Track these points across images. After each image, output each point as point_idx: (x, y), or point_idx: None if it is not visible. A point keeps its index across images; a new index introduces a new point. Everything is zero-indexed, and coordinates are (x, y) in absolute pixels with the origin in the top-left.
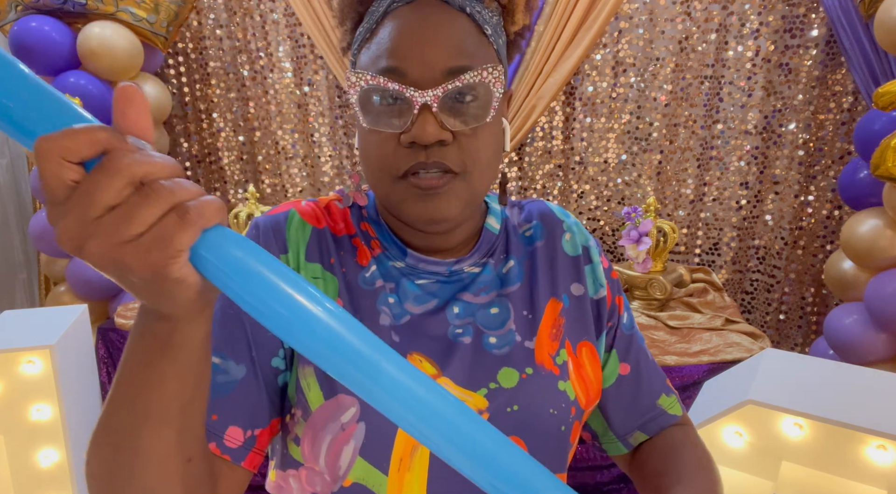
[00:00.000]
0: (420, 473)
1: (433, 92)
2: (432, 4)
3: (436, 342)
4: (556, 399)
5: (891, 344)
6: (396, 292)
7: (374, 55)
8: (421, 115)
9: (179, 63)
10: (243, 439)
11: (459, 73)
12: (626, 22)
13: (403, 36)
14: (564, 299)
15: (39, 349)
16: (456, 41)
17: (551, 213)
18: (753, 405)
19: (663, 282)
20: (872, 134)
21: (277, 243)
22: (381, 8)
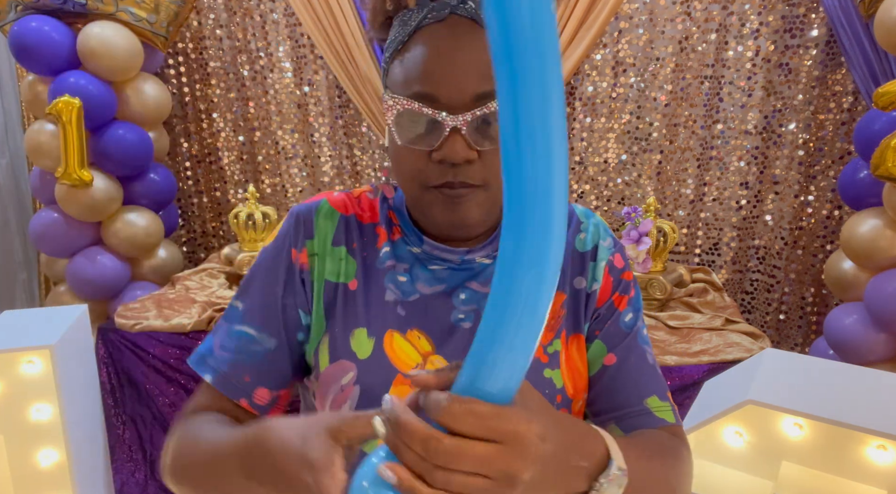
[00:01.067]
0: None
1: (462, 116)
2: (463, 24)
3: (438, 323)
4: (539, 386)
5: (891, 344)
6: (410, 272)
7: (407, 75)
8: (451, 136)
9: (179, 63)
10: (269, 398)
11: (487, 99)
12: (626, 22)
13: (436, 59)
14: (568, 291)
15: (39, 349)
16: (484, 65)
17: (573, 215)
18: (753, 405)
19: (663, 282)
20: (872, 134)
21: (306, 229)
22: (413, 22)
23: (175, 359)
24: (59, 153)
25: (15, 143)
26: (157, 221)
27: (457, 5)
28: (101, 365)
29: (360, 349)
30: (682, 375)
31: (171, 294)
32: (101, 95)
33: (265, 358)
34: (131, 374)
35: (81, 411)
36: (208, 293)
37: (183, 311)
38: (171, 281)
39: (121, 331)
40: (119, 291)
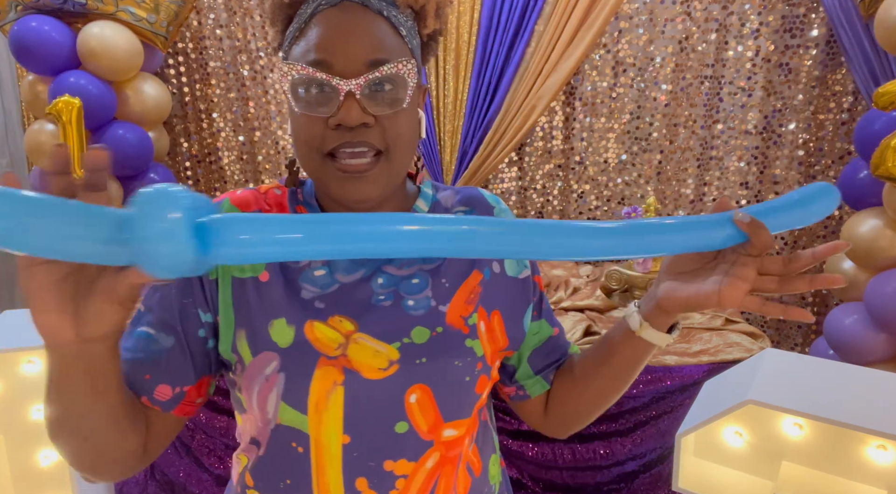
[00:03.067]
0: (336, 412)
1: (356, 81)
2: (354, 8)
3: (358, 306)
4: (462, 353)
5: (891, 344)
6: (329, 264)
7: (303, 50)
8: (346, 101)
9: (179, 63)
10: (172, 394)
11: (379, 65)
12: (626, 22)
13: (329, 33)
14: (486, 273)
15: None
16: (375, 38)
17: (483, 198)
18: (753, 405)
19: None
20: (872, 134)
21: None
22: (308, 10)
23: None
24: None
25: (15, 143)
26: None
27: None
28: None
29: (280, 338)
30: (682, 375)
31: None
32: (101, 94)
33: (164, 356)
34: None
35: None
36: None
37: None
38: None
39: None
40: None
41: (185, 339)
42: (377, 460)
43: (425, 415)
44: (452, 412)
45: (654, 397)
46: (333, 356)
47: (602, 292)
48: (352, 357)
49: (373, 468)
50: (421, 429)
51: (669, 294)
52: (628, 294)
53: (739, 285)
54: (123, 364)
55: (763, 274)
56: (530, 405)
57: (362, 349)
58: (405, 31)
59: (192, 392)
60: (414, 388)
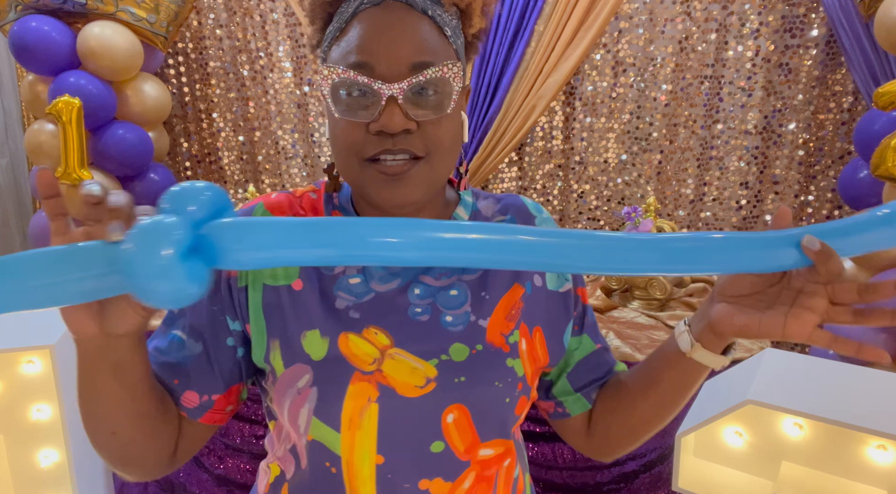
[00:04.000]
0: (370, 430)
1: (399, 85)
2: (398, 7)
3: (395, 318)
4: (502, 374)
5: (891, 344)
6: (363, 272)
7: (344, 51)
8: (388, 106)
9: (179, 63)
10: (199, 401)
11: (423, 68)
12: (626, 22)
13: (372, 34)
14: (528, 287)
15: (39, 349)
16: (419, 39)
17: (525, 207)
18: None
19: (663, 282)
20: (872, 134)
21: None
22: (350, 9)
23: None
24: (59, 153)
25: (15, 143)
26: None
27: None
28: None
29: (313, 350)
30: None
31: None
32: (101, 95)
33: (192, 363)
34: None
35: None
36: None
37: None
38: None
39: None
40: None
41: (212, 347)
42: (412, 480)
43: (462, 435)
44: (490, 432)
45: None
46: (368, 370)
47: (602, 293)
48: (387, 373)
49: (408, 489)
50: (458, 449)
51: (725, 319)
52: (628, 294)
53: (808, 317)
54: (154, 366)
55: (835, 304)
56: (571, 424)
57: (399, 365)
58: (450, 32)
59: (220, 401)
60: (451, 408)
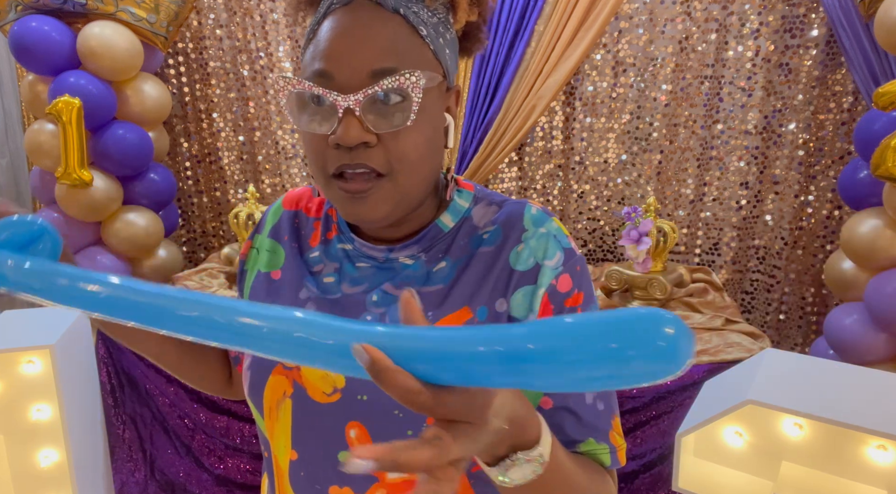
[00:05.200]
0: (285, 423)
1: (355, 96)
2: (366, 7)
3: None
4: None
5: (891, 344)
6: (339, 271)
7: (310, 57)
8: (345, 118)
9: (179, 63)
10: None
11: (384, 75)
12: (626, 22)
13: (335, 38)
14: (479, 312)
15: (39, 349)
16: (384, 43)
17: (520, 219)
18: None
19: (663, 282)
20: (872, 134)
21: (259, 226)
22: (322, 9)
23: None
24: (59, 153)
25: (15, 143)
26: (157, 221)
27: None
28: (101, 365)
29: None
30: (682, 375)
31: None
32: (101, 95)
33: None
34: (131, 374)
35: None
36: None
37: None
38: (171, 281)
39: None
40: None
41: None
42: (322, 484)
43: None
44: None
45: (654, 397)
46: (289, 366)
47: (602, 293)
48: (304, 373)
49: (318, 490)
50: None
51: None
52: (628, 294)
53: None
54: None
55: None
56: None
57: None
58: (427, 31)
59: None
60: (353, 424)
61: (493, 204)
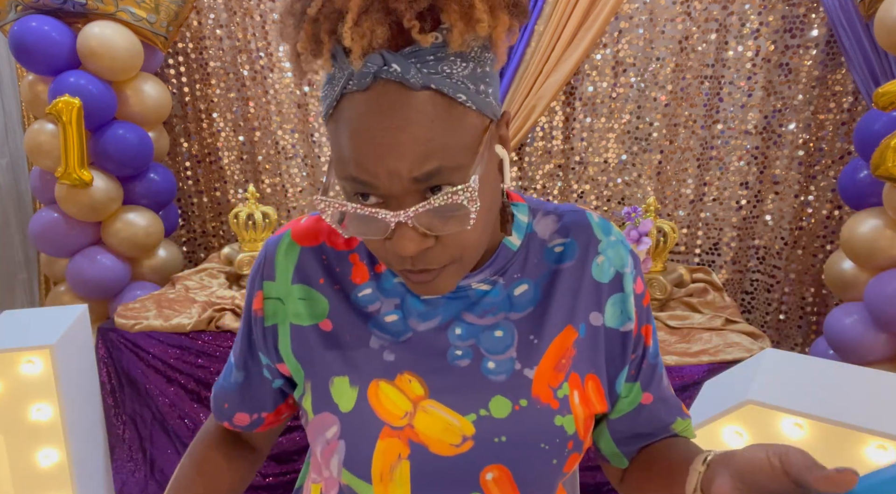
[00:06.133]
0: (402, 485)
1: (405, 213)
2: (390, 91)
3: (432, 362)
4: (549, 435)
5: (891, 344)
6: (402, 308)
7: (338, 153)
8: (398, 230)
9: (179, 63)
10: (250, 420)
11: (429, 178)
12: (626, 22)
13: (362, 140)
14: (581, 329)
15: (39, 349)
16: (419, 139)
17: (590, 229)
18: (753, 405)
19: (663, 282)
20: (872, 134)
21: (266, 269)
22: (336, 84)
23: (175, 359)
24: (59, 153)
25: (15, 143)
26: (157, 221)
27: (381, 69)
28: (101, 365)
29: (341, 400)
30: (682, 375)
31: (171, 294)
32: (101, 95)
33: (238, 389)
34: (131, 374)
35: (81, 411)
36: (208, 293)
37: (183, 311)
38: (171, 281)
39: (121, 331)
40: (119, 291)
41: (252, 377)
42: None
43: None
44: (535, 491)
45: None
46: (399, 425)
47: None
48: (419, 430)
49: None
50: None
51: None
52: None
53: None
54: (215, 387)
55: None
56: (606, 465)
57: (432, 421)
58: (466, 92)
59: (269, 418)
60: (491, 467)
61: (550, 213)
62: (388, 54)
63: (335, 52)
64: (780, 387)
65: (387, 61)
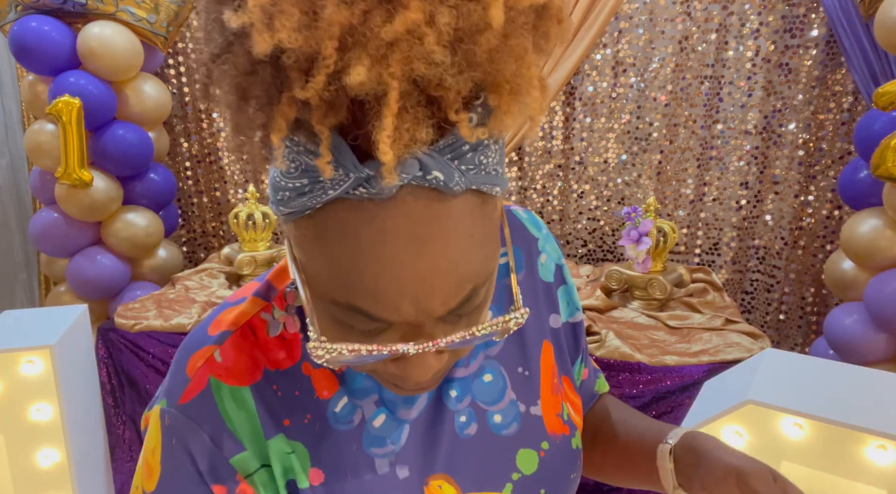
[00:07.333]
0: None
1: (433, 344)
2: (420, 202)
3: (447, 449)
4: (574, 462)
5: (891, 344)
6: (384, 403)
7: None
8: (414, 358)
9: (179, 63)
10: None
11: (462, 304)
12: (626, 22)
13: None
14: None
15: (39, 349)
16: (460, 265)
17: (524, 229)
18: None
19: (663, 282)
20: (872, 134)
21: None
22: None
23: None
24: (59, 153)
25: (15, 143)
26: (157, 221)
27: (416, 177)
28: (101, 365)
29: None
30: (682, 375)
31: (171, 294)
32: (101, 95)
33: None
34: (131, 374)
35: (81, 411)
36: (208, 293)
37: (183, 311)
38: (171, 281)
39: (121, 331)
40: (119, 291)
41: None
42: None
43: None
44: None
45: (654, 397)
46: None
47: (602, 293)
48: None
49: None
50: None
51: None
52: (628, 294)
53: None
54: None
55: None
56: None
57: None
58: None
59: None
60: None
61: None
62: (427, 157)
63: (337, 148)
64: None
65: (425, 168)
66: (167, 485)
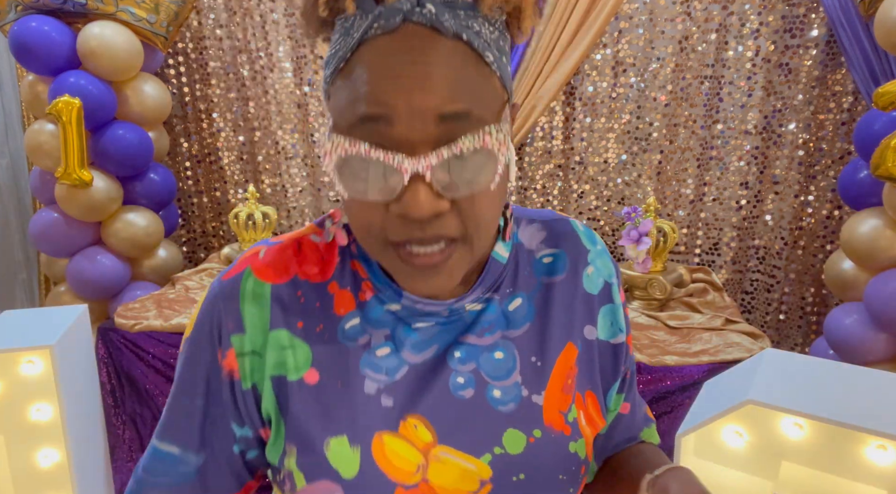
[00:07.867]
0: None
1: (427, 160)
2: (419, 34)
3: (435, 397)
4: (566, 464)
5: (891, 344)
6: (392, 339)
7: (350, 97)
8: (412, 185)
9: (179, 63)
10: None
11: (455, 120)
12: (626, 22)
13: (385, 76)
14: (580, 346)
15: (39, 349)
16: (450, 80)
17: (577, 238)
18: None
19: (663, 282)
20: (872, 134)
21: (230, 320)
22: (355, 33)
23: (175, 359)
24: (59, 153)
25: (15, 143)
26: (157, 221)
27: (412, 10)
28: (101, 365)
29: (342, 464)
30: (682, 375)
31: (171, 294)
32: (101, 95)
33: (196, 478)
34: (131, 374)
35: (81, 411)
36: None
37: (183, 311)
38: (171, 281)
39: (121, 331)
40: (119, 291)
41: (216, 456)
42: None
43: None
44: None
45: (654, 397)
46: (413, 483)
47: None
48: (435, 483)
49: None
50: None
51: None
52: (628, 294)
53: None
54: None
55: None
56: None
57: (447, 469)
58: (493, 54)
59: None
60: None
61: (534, 221)
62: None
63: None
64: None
65: (420, 1)
66: (194, 334)
